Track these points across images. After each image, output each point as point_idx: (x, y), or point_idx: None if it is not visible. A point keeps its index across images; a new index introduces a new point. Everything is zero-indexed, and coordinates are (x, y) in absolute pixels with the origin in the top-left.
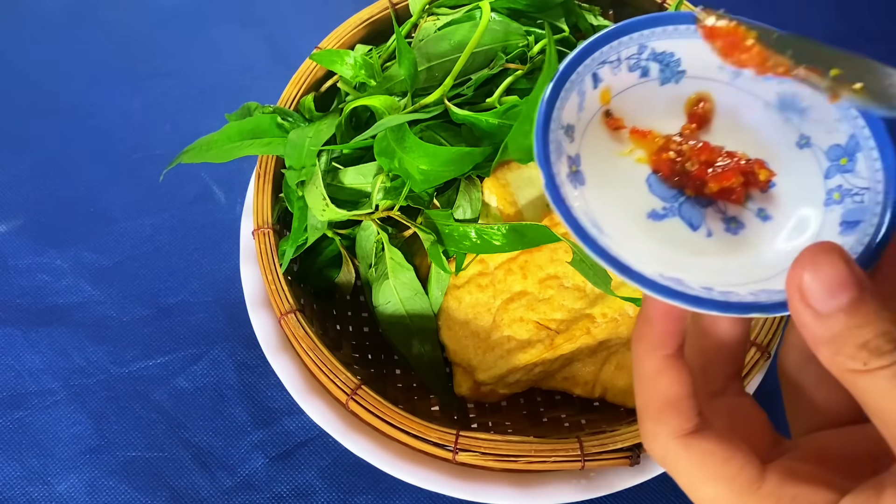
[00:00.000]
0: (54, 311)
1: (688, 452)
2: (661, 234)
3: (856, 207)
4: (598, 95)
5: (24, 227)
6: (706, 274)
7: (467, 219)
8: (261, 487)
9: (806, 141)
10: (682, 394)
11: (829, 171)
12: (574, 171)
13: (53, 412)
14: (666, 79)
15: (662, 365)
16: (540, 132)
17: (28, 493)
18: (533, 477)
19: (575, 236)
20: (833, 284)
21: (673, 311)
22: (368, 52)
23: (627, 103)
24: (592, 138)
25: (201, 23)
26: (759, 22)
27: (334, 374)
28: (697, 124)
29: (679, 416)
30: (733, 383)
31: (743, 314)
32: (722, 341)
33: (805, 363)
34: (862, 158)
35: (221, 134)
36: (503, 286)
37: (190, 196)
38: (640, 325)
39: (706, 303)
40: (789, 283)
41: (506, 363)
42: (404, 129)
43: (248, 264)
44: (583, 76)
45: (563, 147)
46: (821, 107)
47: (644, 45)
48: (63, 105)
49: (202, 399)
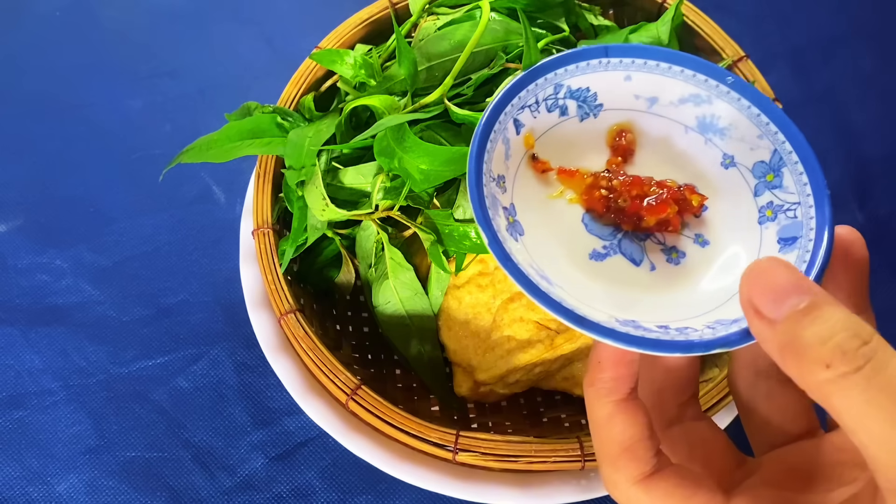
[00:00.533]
0: (54, 311)
1: (649, 496)
2: (606, 274)
3: (790, 223)
4: (521, 141)
5: (23, 226)
6: (658, 311)
7: (467, 219)
8: (260, 487)
9: (730, 160)
10: (636, 437)
11: (757, 189)
12: (511, 221)
13: (53, 412)
14: (584, 114)
15: (615, 410)
16: (474, 187)
17: (27, 494)
18: (533, 477)
19: (527, 293)
20: (780, 289)
21: (625, 356)
22: (368, 51)
23: (551, 144)
24: (522, 185)
25: (201, 22)
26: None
27: (334, 374)
28: (623, 157)
29: (635, 460)
30: (689, 408)
31: (706, 352)
32: (671, 370)
33: (755, 379)
34: (787, 173)
35: (221, 134)
36: (503, 286)
37: (190, 196)
38: (591, 371)
39: (667, 345)
40: (742, 302)
41: (506, 363)
42: (404, 128)
43: (248, 264)
44: (505, 124)
45: (498, 199)
46: (740, 125)
47: (560, 84)
48: (63, 105)
49: (202, 399)
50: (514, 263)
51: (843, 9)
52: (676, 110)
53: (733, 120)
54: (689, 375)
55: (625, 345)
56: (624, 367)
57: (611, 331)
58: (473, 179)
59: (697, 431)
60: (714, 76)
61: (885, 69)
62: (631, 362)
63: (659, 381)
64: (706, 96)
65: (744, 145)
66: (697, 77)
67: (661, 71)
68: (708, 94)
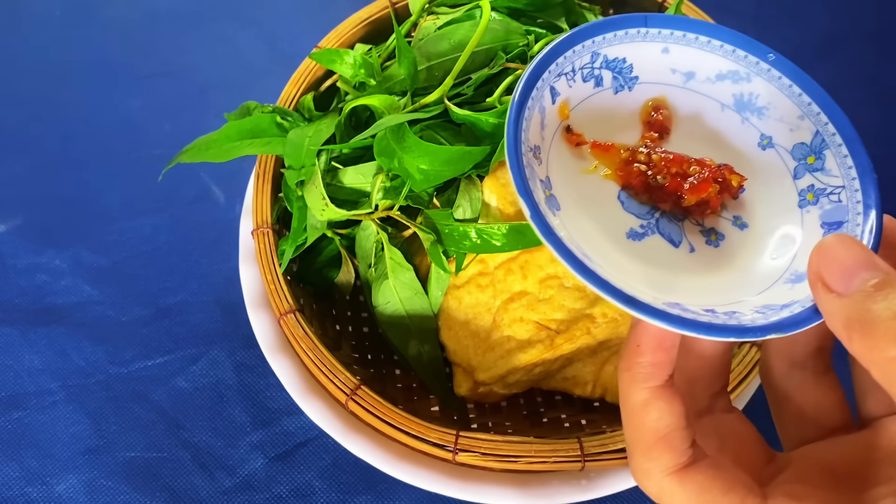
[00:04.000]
0: (53, 311)
1: (684, 488)
2: (645, 255)
3: (834, 207)
4: (556, 111)
5: (22, 226)
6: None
7: (467, 219)
8: (260, 488)
9: (768, 141)
10: (673, 425)
11: (797, 172)
12: (548, 195)
13: (52, 412)
14: (619, 87)
15: (651, 397)
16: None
17: (27, 494)
18: (533, 477)
19: (572, 270)
20: (851, 265)
21: (666, 340)
22: (368, 51)
23: (585, 117)
24: (557, 158)
25: (200, 22)
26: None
27: (334, 375)
28: (658, 133)
29: (671, 450)
30: (719, 400)
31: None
32: (705, 358)
33: (789, 370)
34: (830, 156)
35: (220, 133)
36: (503, 286)
37: (189, 196)
38: (629, 355)
39: (719, 329)
40: (809, 276)
41: (506, 363)
42: (404, 128)
43: (248, 264)
44: (542, 91)
45: (535, 171)
46: (779, 104)
47: (597, 53)
48: (62, 105)
49: (201, 399)
50: (557, 238)
51: (843, 9)
52: (713, 87)
53: (772, 99)
54: (722, 364)
55: (677, 327)
56: (663, 353)
57: (662, 313)
58: (512, 146)
59: (728, 424)
60: (755, 52)
61: (886, 69)
62: (671, 347)
63: (691, 369)
64: (745, 73)
65: (783, 126)
66: (737, 53)
67: (700, 45)
68: (747, 70)
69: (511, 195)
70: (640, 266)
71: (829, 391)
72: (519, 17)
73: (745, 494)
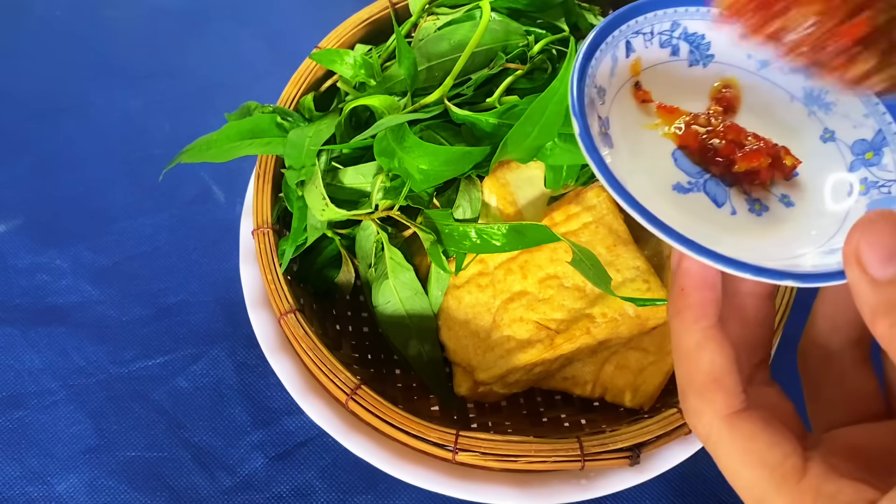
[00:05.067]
0: (54, 310)
1: (732, 433)
2: (687, 207)
3: (882, 198)
4: (629, 65)
5: (23, 226)
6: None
7: (467, 218)
8: (260, 487)
9: (830, 135)
10: (726, 368)
11: (853, 165)
12: (604, 132)
13: (53, 412)
14: (694, 60)
15: (704, 337)
16: (575, 81)
17: (27, 493)
18: (533, 477)
19: (607, 186)
20: (892, 250)
21: (707, 278)
22: (368, 51)
23: (655, 78)
24: (620, 106)
25: (201, 22)
26: None
27: (334, 374)
28: (724, 108)
29: (724, 392)
30: (760, 372)
31: (776, 280)
32: (747, 326)
33: (829, 355)
34: (889, 152)
35: (221, 133)
36: (503, 286)
37: (189, 196)
38: (675, 298)
39: (740, 265)
40: (846, 249)
41: (506, 363)
42: (404, 128)
43: (248, 264)
44: (618, 41)
45: (596, 105)
46: (847, 102)
47: (677, 23)
48: (62, 105)
49: (202, 399)
50: (599, 156)
51: None
52: (786, 77)
53: (841, 96)
54: (765, 335)
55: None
56: (709, 291)
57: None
58: (577, 72)
59: (767, 397)
60: None
61: None
62: (714, 285)
63: (734, 336)
64: None
65: (847, 122)
66: None
67: None
68: None
69: (510, 195)
70: (680, 214)
71: (865, 381)
72: (519, 17)
73: (790, 452)
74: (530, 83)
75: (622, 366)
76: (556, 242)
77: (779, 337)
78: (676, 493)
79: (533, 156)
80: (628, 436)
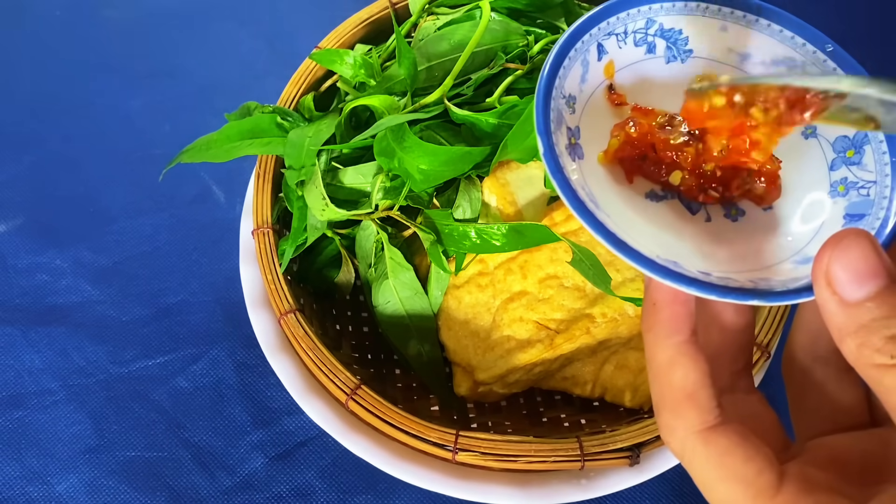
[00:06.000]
0: (54, 310)
1: (706, 449)
2: (658, 216)
3: (861, 200)
4: (601, 68)
5: (23, 226)
6: (703, 260)
7: (467, 218)
8: (260, 487)
9: (812, 130)
10: (699, 383)
11: (834, 163)
12: (573, 143)
13: (53, 412)
14: (672, 57)
15: (676, 352)
16: (541, 99)
17: (27, 493)
18: (533, 477)
19: (571, 209)
20: (862, 272)
21: (679, 293)
22: (368, 51)
23: (631, 81)
24: (593, 113)
25: (201, 22)
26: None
27: (334, 374)
28: None
29: (698, 408)
30: (741, 380)
31: (741, 300)
32: (727, 333)
33: (813, 363)
34: (870, 151)
35: (221, 133)
36: (503, 286)
37: (189, 196)
38: (648, 313)
39: (704, 286)
40: (815, 269)
41: (506, 363)
42: (404, 128)
43: (248, 264)
44: (588, 45)
45: (564, 117)
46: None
47: (652, 20)
48: (62, 105)
49: (202, 399)
50: (563, 177)
51: (843, 10)
52: (766, 71)
53: None
54: (744, 343)
55: (662, 277)
56: (680, 306)
57: (650, 261)
58: (543, 89)
59: (749, 405)
60: (813, 42)
61: (886, 70)
62: (686, 300)
63: (714, 344)
64: (801, 61)
65: None
66: (796, 40)
67: (760, 27)
68: (803, 59)
69: (510, 195)
70: (651, 226)
71: (850, 388)
72: (519, 17)
73: (764, 466)
74: (530, 83)
75: (622, 366)
76: (556, 242)
77: (779, 337)
78: (676, 493)
79: (533, 156)
80: (628, 436)
